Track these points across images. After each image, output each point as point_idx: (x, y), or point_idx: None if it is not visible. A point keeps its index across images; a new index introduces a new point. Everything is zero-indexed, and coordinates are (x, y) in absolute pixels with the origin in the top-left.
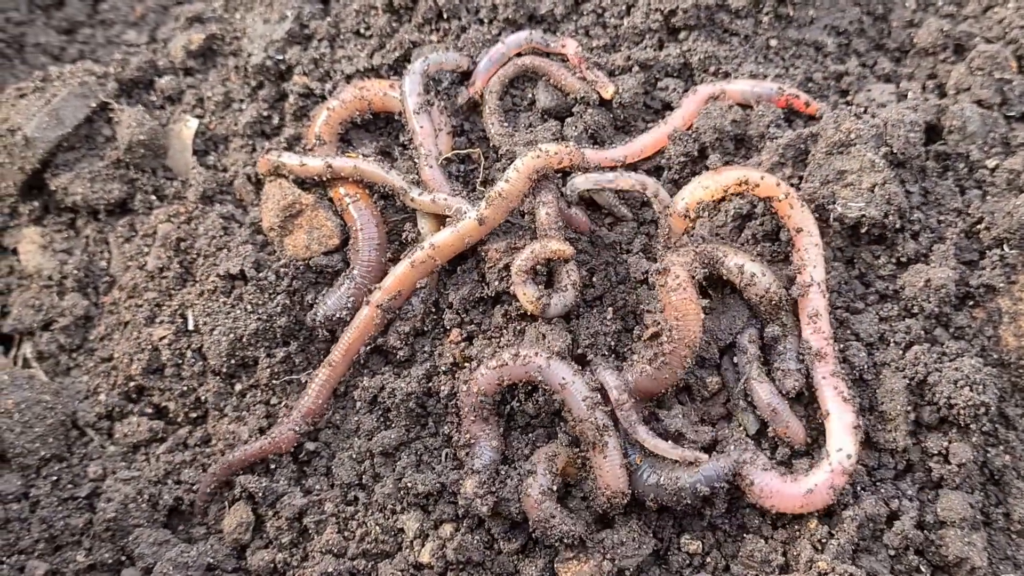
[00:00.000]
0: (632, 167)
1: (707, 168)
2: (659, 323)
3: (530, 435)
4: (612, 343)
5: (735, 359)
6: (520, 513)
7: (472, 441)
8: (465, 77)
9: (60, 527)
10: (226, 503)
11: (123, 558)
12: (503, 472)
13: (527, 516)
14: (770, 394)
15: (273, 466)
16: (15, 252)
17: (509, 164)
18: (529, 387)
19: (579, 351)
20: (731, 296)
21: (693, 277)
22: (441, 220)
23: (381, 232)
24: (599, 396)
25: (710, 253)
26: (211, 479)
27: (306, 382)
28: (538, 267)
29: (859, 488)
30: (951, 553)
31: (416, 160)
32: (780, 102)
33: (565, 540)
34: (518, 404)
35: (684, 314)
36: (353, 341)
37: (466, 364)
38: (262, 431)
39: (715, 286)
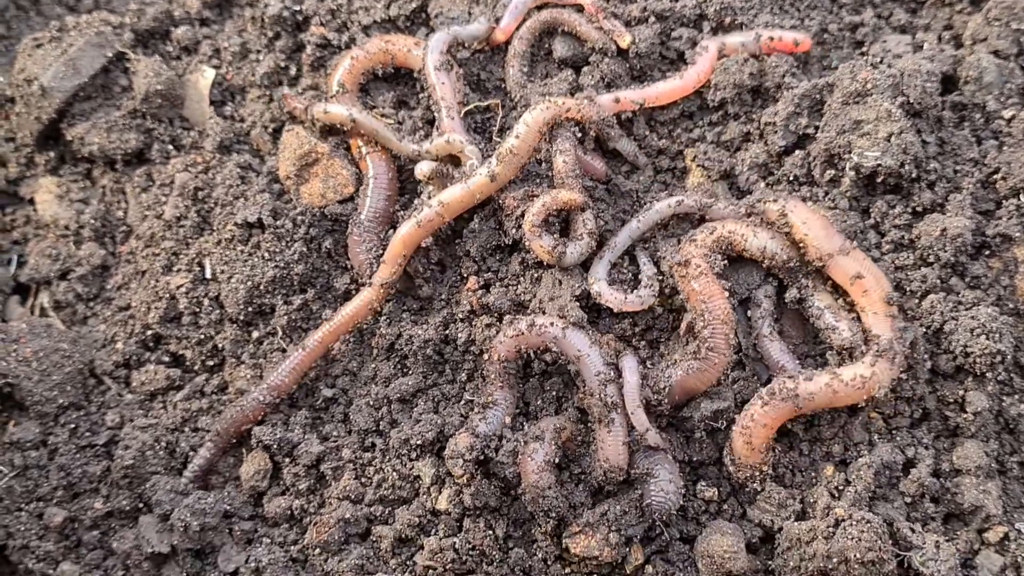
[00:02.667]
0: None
1: (726, 118)
2: (690, 314)
3: (547, 384)
4: (628, 290)
5: (748, 313)
6: (515, 476)
7: (491, 404)
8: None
9: (78, 474)
10: (244, 451)
11: (140, 505)
12: (500, 441)
13: (522, 479)
14: (780, 351)
15: (289, 415)
16: (32, 202)
17: (523, 114)
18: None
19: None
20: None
21: (713, 266)
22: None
23: (393, 184)
24: (613, 372)
25: (727, 238)
26: (211, 449)
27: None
28: (551, 217)
29: (875, 436)
30: (966, 501)
31: (436, 114)
32: (766, 49)
33: (550, 514)
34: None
35: (710, 295)
36: (345, 322)
37: (483, 312)
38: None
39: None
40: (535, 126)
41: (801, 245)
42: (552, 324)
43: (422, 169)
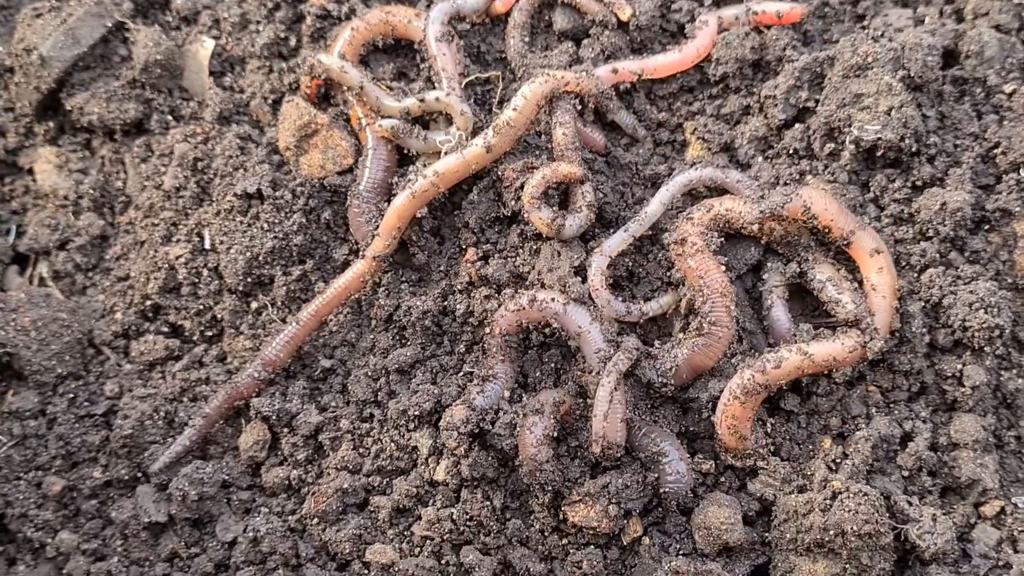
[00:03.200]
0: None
1: (726, 91)
2: (688, 292)
3: (545, 356)
4: (629, 264)
5: (759, 285)
6: (512, 448)
7: (490, 377)
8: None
9: (77, 444)
10: (243, 421)
11: (139, 475)
12: (497, 414)
13: (520, 452)
14: (789, 323)
15: (287, 385)
16: (31, 172)
17: (522, 86)
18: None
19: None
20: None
21: (709, 244)
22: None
23: (392, 155)
24: (613, 349)
25: (724, 216)
26: (196, 432)
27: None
28: (550, 190)
29: (873, 410)
30: (963, 475)
31: (436, 85)
32: (752, 21)
33: (546, 488)
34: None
35: (706, 270)
36: (338, 295)
37: (482, 284)
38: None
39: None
40: (533, 99)
41: (827, 230)
42: (553, 300)
43: (383, 126)
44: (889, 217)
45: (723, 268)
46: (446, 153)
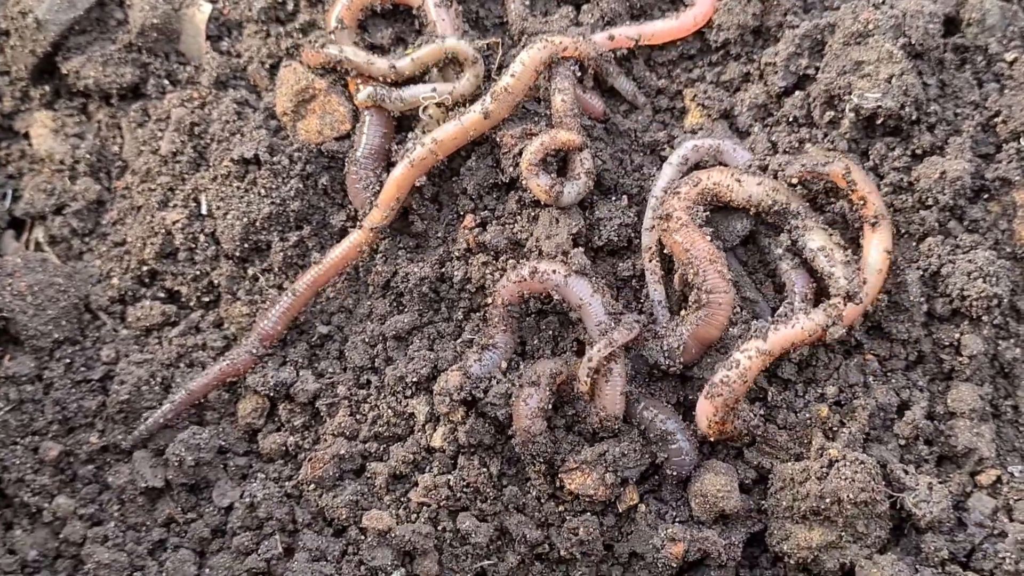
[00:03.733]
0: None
1: (727, 58)
2: (679, 268)
3: (543, 324)
4: (629, 234)
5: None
6: (506, 417)
7: (490, 346)
8: None
9: (73, 409)
10: (241, 389)
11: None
12: (491, 383)
13: (513, 422)
14: (806, 284)
15: (285, 353)
16: (27, 136)
17: (520, 52)
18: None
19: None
20: None
21: (694, 218)
22: None
23: (390, 121)
24: (614, 322)
25: (712, 190)
26: (173, 408)
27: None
28: (549, 157)
29: (870, 378)
30: (960, 444)
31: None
32: None
33: (537, 458)
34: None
35: (692, 242)
36: (335, 265)
37: (480, 250)
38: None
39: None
40: (531, 65)
41: (862, 202)
42: (555, 271)
43: (360, 98)
44: (889, 186)
45: (708, 237)
46: (426, 108)
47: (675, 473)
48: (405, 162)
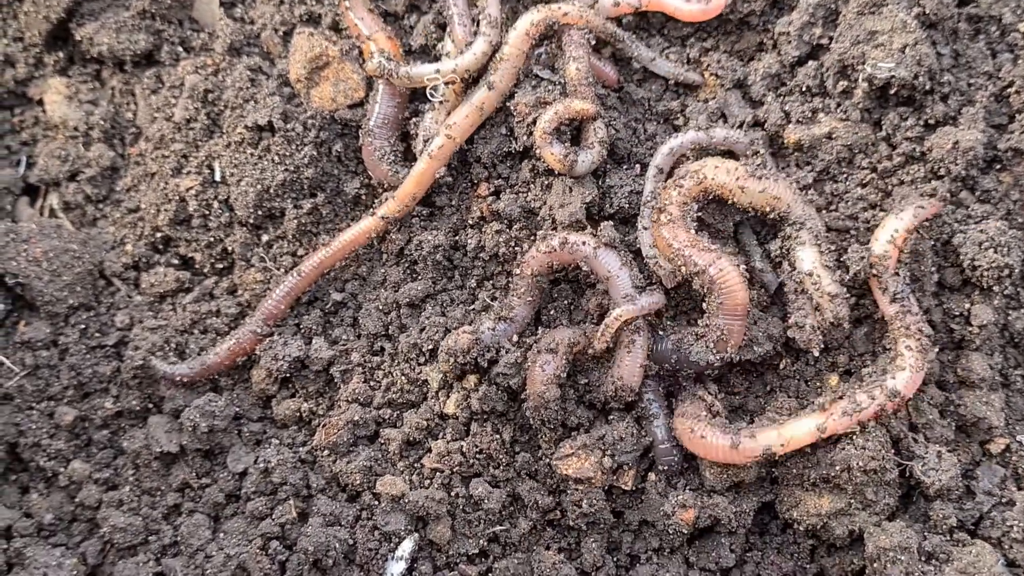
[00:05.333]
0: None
1: (741, 27)
2: (673, 271)
3: (555, 292)
4: (640, 202)
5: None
6: (519, 385)
7: (507, 317)
8: None
9: (88, 374)
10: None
11: (150, 406)
12: (499, 353)
13: (527, 386)
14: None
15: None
16: (40, 103)
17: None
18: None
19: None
20: None
21: (686, 215)
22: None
23: (403, 91)
24: (639, 294)
25: (714, 191)
26: (183, 374)
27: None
28: (562, 126)
29: (880, 348)
30: (969, 413)
31: (448, 23)
32: None
33: (547, 426)
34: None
35: (674, 235)
36: (342, 248)
37: (494, 219)
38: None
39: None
40: (522, 30)
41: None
42: (584, 243)
43: (369, 67)
44: (901, 156)
45: (693, 231)
46: (433, 90)
47: (664, 469)
48: (424, 157)
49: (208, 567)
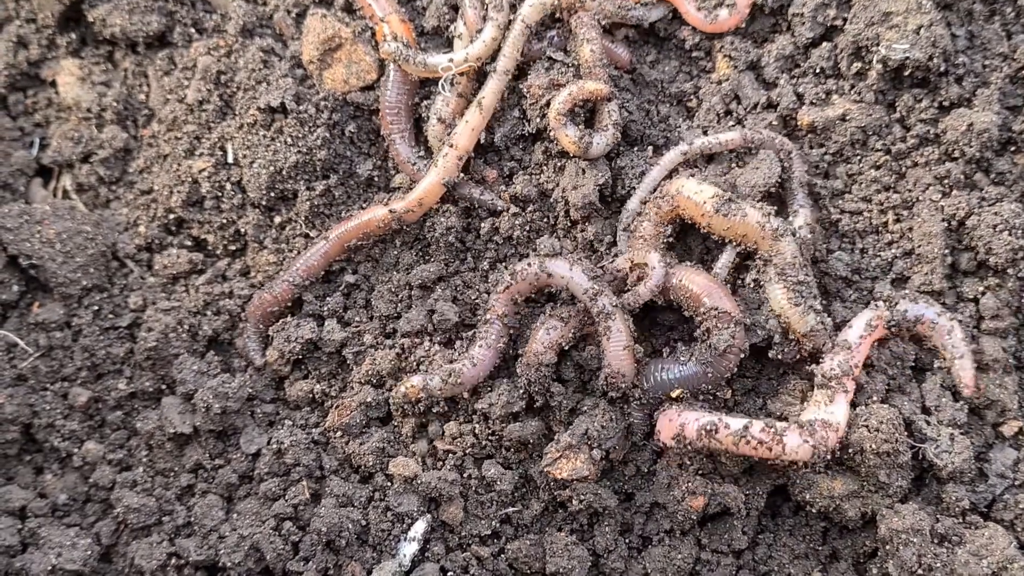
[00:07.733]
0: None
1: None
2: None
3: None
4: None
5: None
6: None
7: (468, 359)
8: None
9: (102, 356)
10: (269, 335)
11: (163, 387)
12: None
13: (528, 344)
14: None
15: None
16: (53, 84)
17: None
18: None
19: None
20: None
21: (659, 235)
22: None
23: (414, 78)
24: (600, 287)
25: (684, 215)
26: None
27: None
28: (576, 108)
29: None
30: (982, 395)
31: (459, 4)
32: None
33: (536, 395)
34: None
35: (642, 257)
36: (350, 232)
37: (510, 202)
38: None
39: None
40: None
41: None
42: (529, 265)
43: (385, 50)
44: (915, 137)
45: (657, 249)
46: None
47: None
48: (436, 169)
49: (221, 547)
